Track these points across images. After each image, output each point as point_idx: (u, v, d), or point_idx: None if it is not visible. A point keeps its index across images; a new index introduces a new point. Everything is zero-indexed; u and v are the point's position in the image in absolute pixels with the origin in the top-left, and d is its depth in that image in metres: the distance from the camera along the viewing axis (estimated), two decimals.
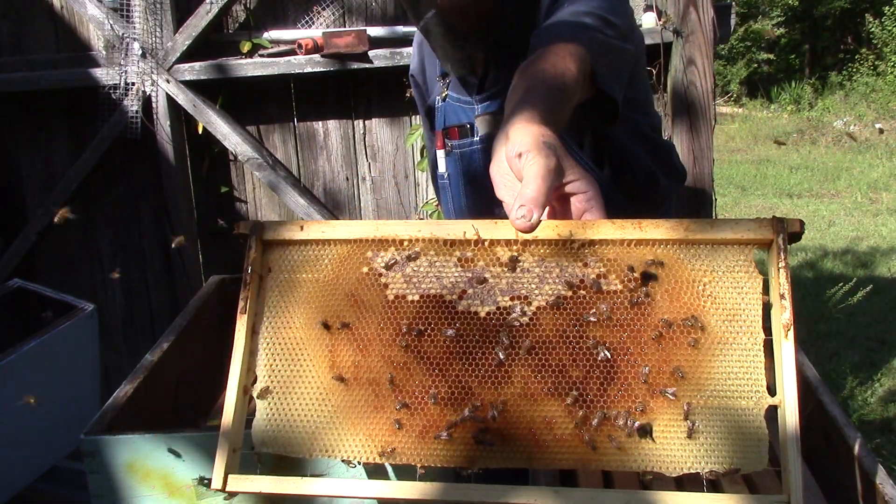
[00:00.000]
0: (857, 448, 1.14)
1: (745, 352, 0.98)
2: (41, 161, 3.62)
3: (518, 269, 1.06)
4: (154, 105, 3.39)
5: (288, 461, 1.12)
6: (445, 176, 1.80)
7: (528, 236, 1.03)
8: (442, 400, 1.02)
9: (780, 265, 1.01)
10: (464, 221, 1.08)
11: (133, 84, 3.36)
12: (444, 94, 1.78)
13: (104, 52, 3.43)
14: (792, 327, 0.97)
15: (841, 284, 5.31)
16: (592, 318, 1.01)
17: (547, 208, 1.02)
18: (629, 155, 1.67)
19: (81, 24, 3.46)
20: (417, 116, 3.43)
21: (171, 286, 3.66)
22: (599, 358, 0.99)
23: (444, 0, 1.55)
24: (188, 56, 3.34)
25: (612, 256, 1.03)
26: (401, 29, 3.30)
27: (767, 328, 0.99)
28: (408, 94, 3.33)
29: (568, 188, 1.04)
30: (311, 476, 1.10)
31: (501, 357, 1.01)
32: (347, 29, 3.27)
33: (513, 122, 1.10)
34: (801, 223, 1.04)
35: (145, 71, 3.36)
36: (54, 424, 2.10)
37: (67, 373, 2.12)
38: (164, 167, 3.45)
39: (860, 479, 1.10)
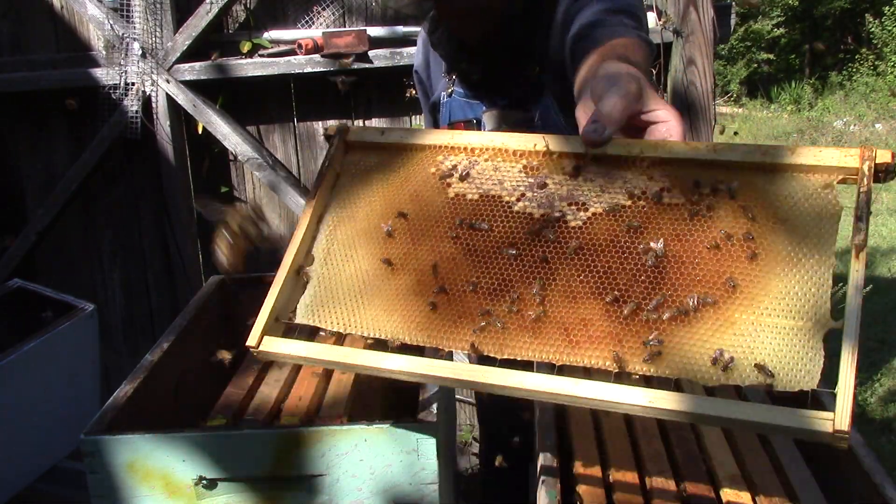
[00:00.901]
0: (857, 448, 1.14)
1: (811, 274, 0.94)
2: (41, 161, 3.62)
3: (581, 178, 1.07)
4: (154, 105, 3.39)
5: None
6: None
7: (597, 151, 1.03)
8: (481, 290, 1.04)
9: (861, 189, 0.96)
10: (535, 135, 1.10)
11: (133, 84, 3.36)
12: (449, 91, 1.78)
13: (104, 52, 3.43)
14: (864, 250, 0.93)
15: (841, 284, 5.31)
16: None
17: (619, 130, 1.02)
18: None
19: (81, 24, 3.46)
20: (417, 116, 3.43)
21: (171, 286, 3.66)
22: (648, 264, 0.97)
23: (445, 10, 1.56)
24: (188, 56, 3.34)
25: (681, 175, 1.01)
26: (401, 29, 3.30)
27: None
28: (408, 94, 3.34)
29: (649, 116, 1.03)
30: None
31: (546, 254, 1.02)
32: (347, 29, 3.27)
33: (600, 67, 1.10)
34: (894, 155, 0.97)
35: (145, 71, 3.36)
36: (54, 424, 2.10)
37: (67, 373, 2.12)
38: (164, 167, 3.45)
39: (860, 479, 1.10)
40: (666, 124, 1.02)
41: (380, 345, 1.08)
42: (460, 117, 1.74)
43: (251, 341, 1.09)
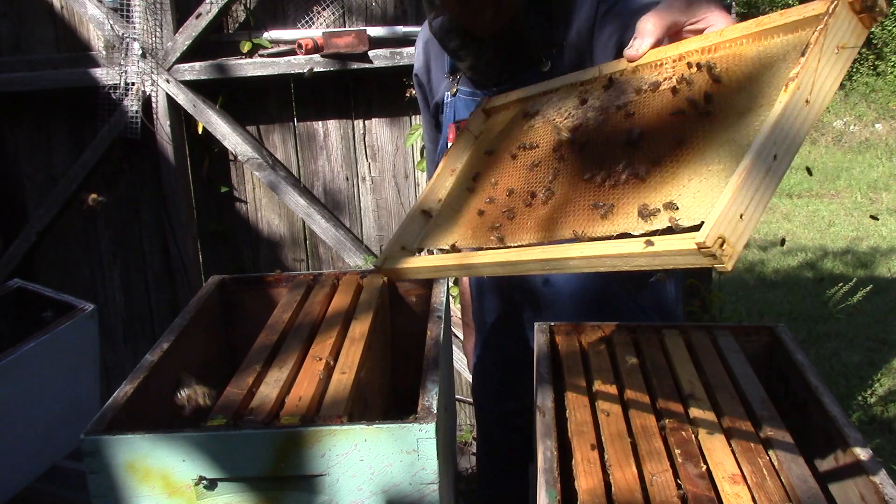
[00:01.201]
0: (857, 448, 1.14)
1: (754, 118, 0.98)
2: (41, 161, 3.62)
3: (612, 88, 1.24)
4: (154, 105, 3.39)
5: None
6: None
7: (634, 64, 1.19)
8: (514, 194, 1.29)
9: (817, 27, 0.93)
10: (597, 67, 1.29)
11: (133, 84, 3.36)
12: (454, 91, 1.77)
13: (104, 52, 3.43)
14: (794, 83, 0.89)
15: (841, 285, 5.32)
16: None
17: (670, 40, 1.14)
18: None
19: (81, 24, 3.46)
20: (417, 116, 3.43)
21: (171, 286, 3.66)
22: (626, 141, 1.12)
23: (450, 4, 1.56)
24: (188, 56, 3.34)
25: (687, 62, 1.13)
26: (401, 29, 3.30)
27: None
28: (408, 94, 3.34)
29: (698, 25, 1.12)
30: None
31: (562, 154, 1.24)
32: (347, 29, 3.27)
33: None
34: None
35: (145, 71, 3.36)
36: (54, 424, 2.10)
37: (67, 373, 2.12)
38: (164, 167, 3.45)
39: (860, 479, 1.10)
40: (714, 27, 1.09)
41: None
42: (465, 115, 1.72)
43: (378, 262, 1.45)
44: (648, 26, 1.12)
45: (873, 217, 2.69)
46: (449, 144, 1.75)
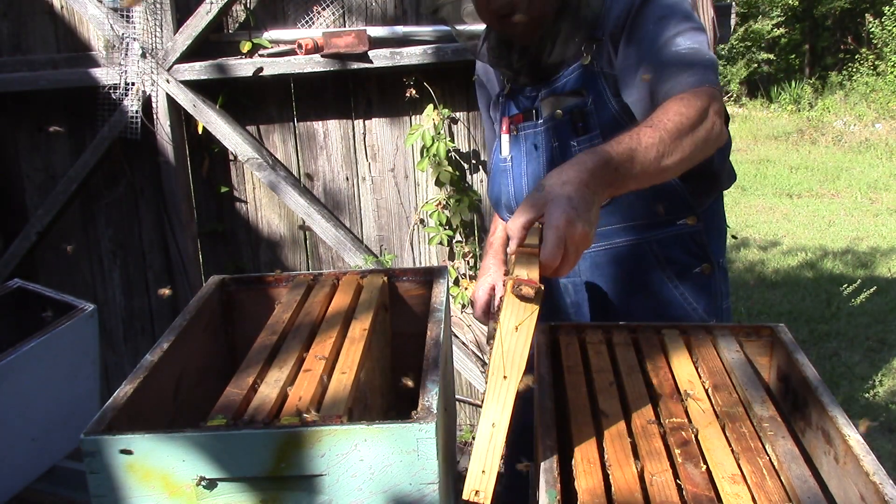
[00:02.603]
0: (856, 448, 1.14)
1: None
2: (41, 161, 3.62)
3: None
4: (154, 105, 3.39)
5: None
6: (508, 159, 1.87)
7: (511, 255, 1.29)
8: None
9: (498, 318, 1.15)
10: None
11: (133, 84, 3.36)
12: (507, 89, 1.88)
13: (104, 52, 3.43)
14: (489, 371, 1.14)
15: (846, 286, 5.32)
16: None
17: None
18: None
19: (81, 24, 3.46)
20: (418, 116, 3.43)
21: (171, 286, 3.66)
22: None
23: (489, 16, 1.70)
24: (188, 56, 3.34)
25: None
26: (401, 29, 3.30)
27: None
28: (408, 94, 3.34)
29: (542, 220, 1.22)
30: None
31: None
32: (347, 29, 3.27)
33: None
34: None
35: (145, 71, 3.36)
36: (54, 424, 2.10)
37: (67, 373, 2.12)
38: (164, 167, 3.45)
39: (860, 479, 1.10)
40: (545, 224, 1.20)
41: None
42: (517, 110, 1.84)
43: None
44: (512, 229, 1.23)
45: None
46: (502, 137, 1.88)
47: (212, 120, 3.38)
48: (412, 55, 3.21)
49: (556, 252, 1.16)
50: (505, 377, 1.11)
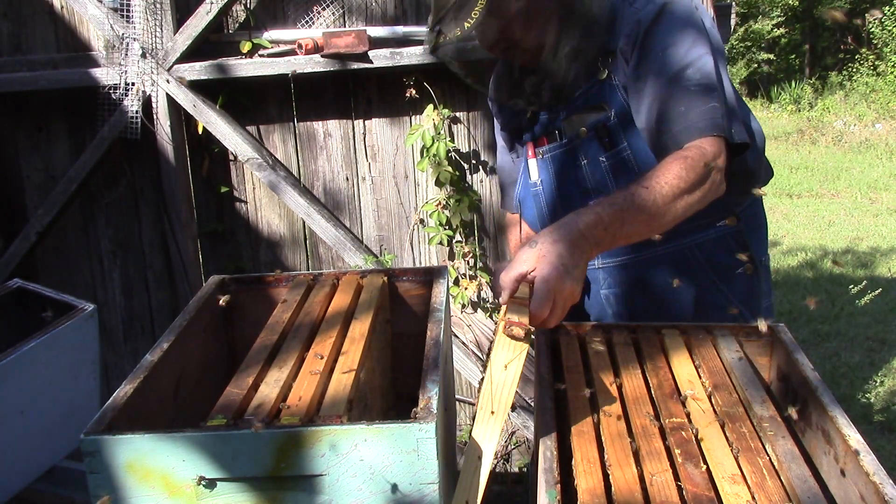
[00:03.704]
0: (857, 448, 1.14)
1: None
2: (41, 161, 3.62)
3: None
4: (154, 105, 3.39)
5: None
6: (538, 183, 1.85)
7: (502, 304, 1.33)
8: None
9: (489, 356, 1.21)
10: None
11: (133, 84, 3.36)
12: (528, 113, 1.86)
13: (104, 52, 3.43)
14: (477, 406, 1.20)
15: (851, 287, 5.31)
16: None
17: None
18: None
19: (81, 24, 3.46)
20: (418, 116, 3.43)
21: (171, 286, 3.66)
22: None
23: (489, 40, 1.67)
24: (188, 56, 3.34)
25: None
26: (401, 29, 3.30)
27: None
28: (408, 95, 3.34)
29: (532, 274, 1.29)
30: None
31: None
32: (347, 29, 3.27)
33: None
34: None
35: (145, 71, 3.36)
36: (54, 424, 2.10)
37: (67, 373, 2.12)
38: (164, 167, 3.45)
39: (860, 479, 1.10)
40: (536, 277, 1.27)
41: None
42: (540, 133, 1.83)
43: None
44: (505, 281, 1.30)
45: None
46: (529, 162, 1.87)
47: (212, 120, 3.38)
48: (412, 55, 3.21)
49: (545, 304, 1.25)
50: (493, 412, 1.17)
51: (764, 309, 1.83)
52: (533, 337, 1.19)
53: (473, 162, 3.47)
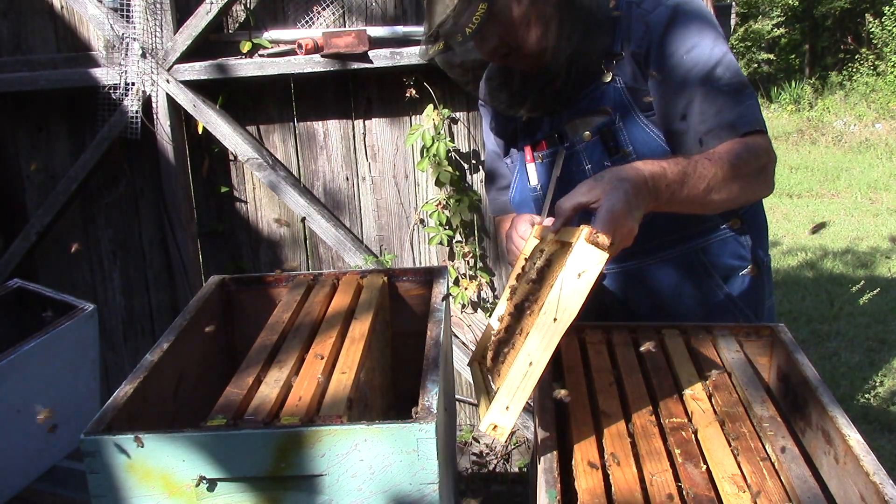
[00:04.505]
0: (856, 448, 1.14)
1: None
2: (41, 161, 3.62)
3: (539, 254, 1.47)
4: (154, 105, 3.39)
5: None
6: (538, 188, 1.83)
7: (554, 237, 1.39)
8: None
9: (565, 257, 1.17)
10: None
11: (133, 84, 3.36)
12: (525, 117, 1.82)
13: (104, 52, 3.43)
14: (542, 308, 1.15)
15: (851, 286, 5.31)
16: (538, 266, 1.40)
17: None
18: None
19: (81, 24, 3.46)
20: (418, 116, 3.43)
21: (171, 286, 3.66)
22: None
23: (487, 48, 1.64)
24: (188, 56, 3.34)
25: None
26: (401, 29, 3.30)
27: None
28: (408, 94, 3.34)
29: (594, 205, 1.28)
30: None
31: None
32: (347, 29, 3.27)
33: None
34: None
35: (145, 71, 3.36)
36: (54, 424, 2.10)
37: (67, 373, 2.12)
38: (164, 167, 3.45)
39: (860, 479, 1.10)
40: (599, 209, 1.26)
41: None
42: (540, 137, 1.80)
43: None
44: (563, 208, 1.32)
45: None
46: (528, 166, 1.84)
47: (212, 120, 3.38)
48: (412, 55, 3.21)
49: (607, 231, 1.19)
50: (555, 319, 1.11)
51: (766, 309, 1.82)
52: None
53: (473, 162, 3.47)
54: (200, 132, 3.45)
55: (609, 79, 1.66)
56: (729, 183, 1.42)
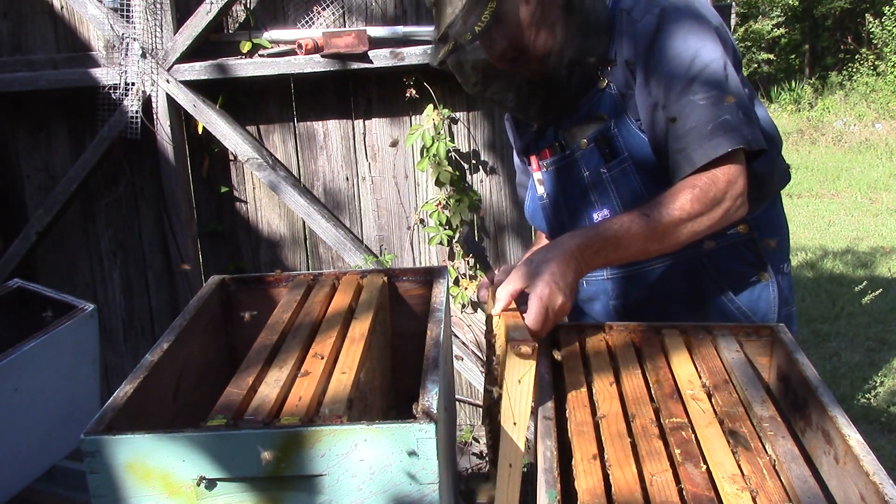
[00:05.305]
0: (856, 448, 1.14)
1: None
2: (41, 161, 3.62)
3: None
4: (154, 105, 3.39)
5: None
6: (544, 196, 1.85)
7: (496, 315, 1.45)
8: None
9: (504, 376, 1.28)
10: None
11: (133, 84, 3.36)
12: (535, 126, 1.86)
13: (104, 52, 3.43)
14: (501, 417, 1.28)
15: (851, 286, 5.31)
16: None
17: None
18: None
19: (81, 24, 3.46)
20: (418, 116, 3.43)
21: (171, 286, 3.66)
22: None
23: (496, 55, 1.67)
24: (188, 56, 3.34)
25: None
26: (401, 29, 3.30)
27: None
28: (408, 95, 3.34)
29: (528, 290, 1.39)
30: None
31: None
32: (347, 29, 3.27)
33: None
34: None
35: (145, 71, 3.36)
36: (54, 424, 2.10)
37: (67, 373, 2.12)
38: (164, 167, 3.45)
39: (860, 479, 1.10)
40: (531, 295, 1.38)
41: None
42: (544, 146, 1.82)
43: None
44: (502, 294, 1.40)
45: None
46: (534, 175, 1.87)
47: (212, 120, 3.38)
48: (412, 55, 3.21)
49: (540, 319, 1.36)
50: (514, 423, 1.27)
51: (783, 317, 1.79)
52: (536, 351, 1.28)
53: (473, 162, 3.47)
54: (200, 132, 3.45)
55: (604, 85, 1.68)
56: (671, 233, 1.47)
